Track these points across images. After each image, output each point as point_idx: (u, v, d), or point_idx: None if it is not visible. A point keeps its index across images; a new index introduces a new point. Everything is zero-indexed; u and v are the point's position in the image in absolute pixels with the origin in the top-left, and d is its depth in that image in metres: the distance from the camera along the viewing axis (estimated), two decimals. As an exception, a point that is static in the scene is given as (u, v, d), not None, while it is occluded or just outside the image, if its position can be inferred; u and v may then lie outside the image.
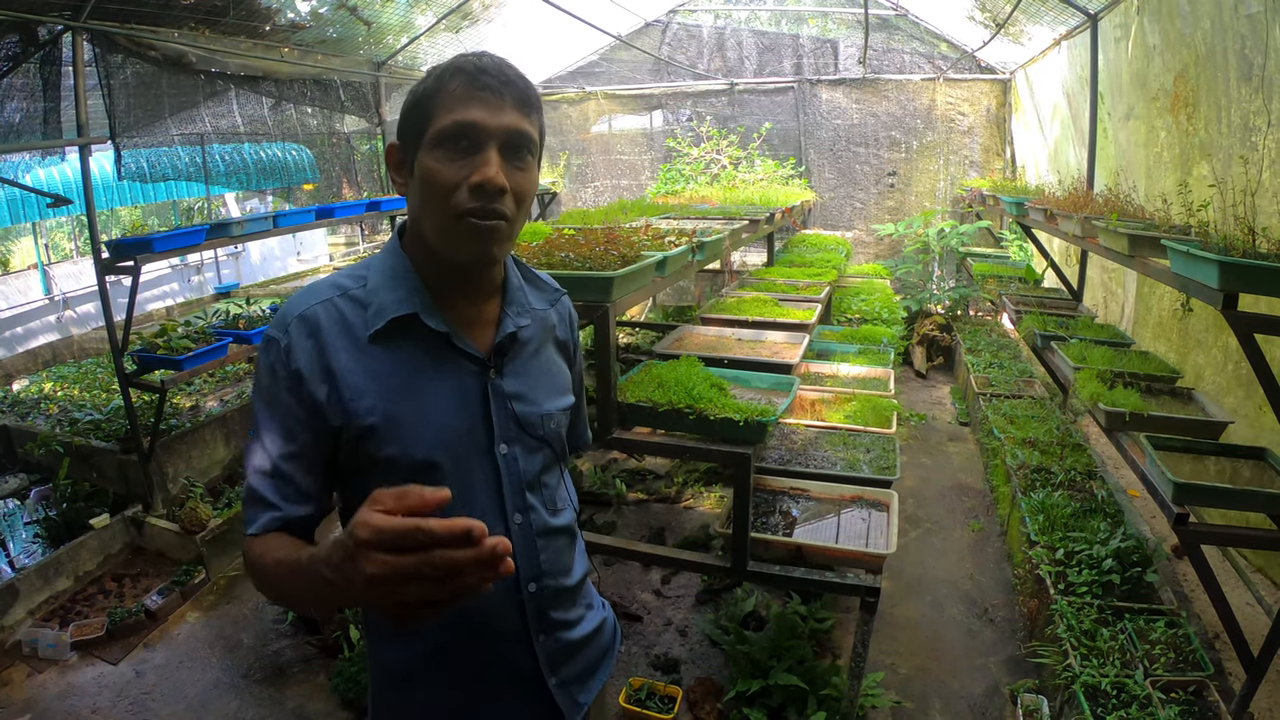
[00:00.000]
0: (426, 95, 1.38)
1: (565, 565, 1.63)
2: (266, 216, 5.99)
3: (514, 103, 1.36)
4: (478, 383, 1.47)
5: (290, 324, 1.40)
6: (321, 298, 1.43)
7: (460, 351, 1.45)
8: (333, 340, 1.40)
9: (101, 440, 5.52)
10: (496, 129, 1.34)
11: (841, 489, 3.71)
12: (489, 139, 1.34)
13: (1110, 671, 3.19)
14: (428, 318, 1.42)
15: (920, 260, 9.67)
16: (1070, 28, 6.72)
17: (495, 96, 1.34)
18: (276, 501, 1.40)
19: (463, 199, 1.33)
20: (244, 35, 5.96)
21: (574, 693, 1.65)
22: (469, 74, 1.35)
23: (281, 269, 14.11)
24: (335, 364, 1.38)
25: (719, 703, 3.69)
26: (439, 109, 1.35)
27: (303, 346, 1.39)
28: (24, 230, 12.33)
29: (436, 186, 1.34)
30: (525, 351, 1.57)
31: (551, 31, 8.98)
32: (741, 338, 4.42)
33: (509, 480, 1.50)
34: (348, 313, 1.42)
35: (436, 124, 1.34)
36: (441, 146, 1.34)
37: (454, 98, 1.34)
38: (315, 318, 1.40)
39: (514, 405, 1.51)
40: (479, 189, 1.32)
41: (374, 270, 1.47)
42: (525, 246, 3.49)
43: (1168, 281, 3.24)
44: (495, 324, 1.53)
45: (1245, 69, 3.95)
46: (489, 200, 1.34)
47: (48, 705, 3.95)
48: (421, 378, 1.42)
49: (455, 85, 1.34)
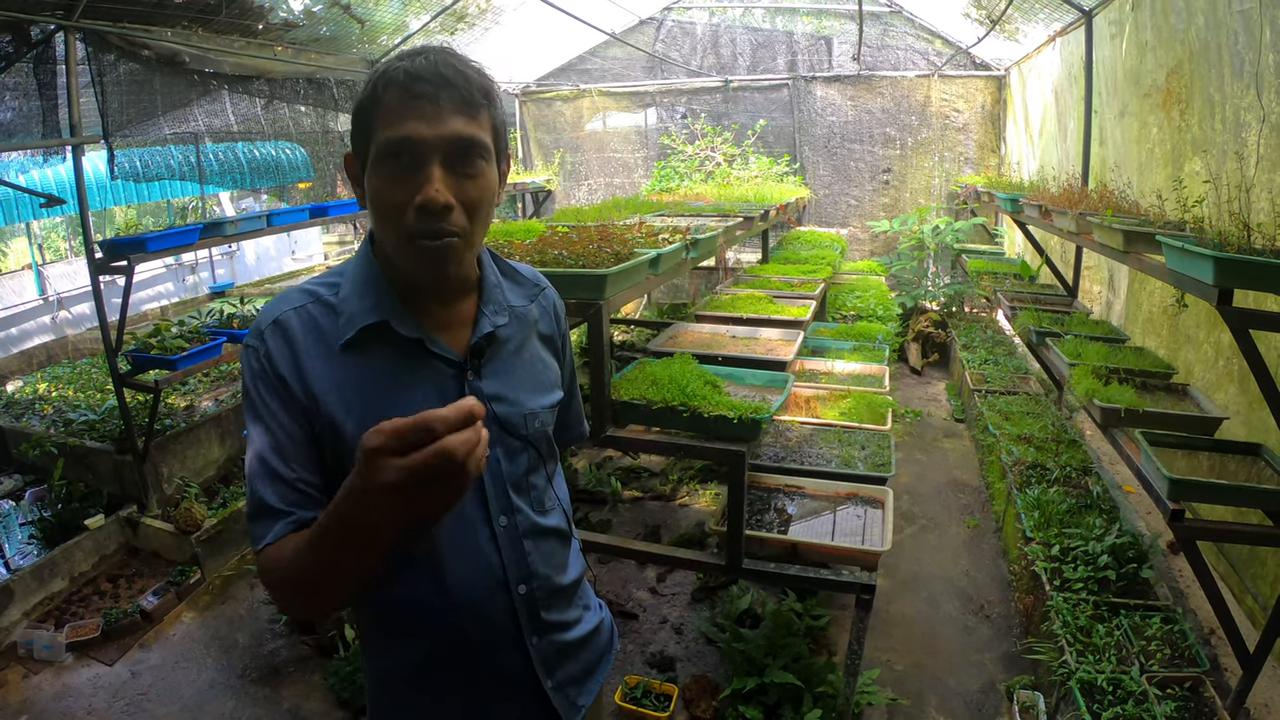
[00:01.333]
0: (364, 108, 1.33)
1: (557, 565, 1.61)
2: (260, 215, 5.97)
3: (455, 106, 1.30)
4: (455, 386, 1.45)
5: (264, 330, 1.39)
6: (294, 304, 1.41)
7: (435, 355, 1.43)
8: (306, 347, 1.38)
9: (96, 441, 5.51)
10: (436, 141, 1.28)
11: (836, 486, 3.71)
12: (430, 152, 1.28)
13: (1106, 667, 3.20)
14: (399, 325, 1.39)
15: (915, 257, 9.67)
16: (1065, 24, 6.72)
17: (432, 105, 1.28)
18: (285, 508, 1.35)
19: (410, 221, 1.29)
20: (237, 34, 5.94)
21: (571, 695, 1.64)
22: (401, 83, 1.28)
23: (276, 268, 14.07)
24: (308, 371, 1.37)
25: (715, 700, 3.70)
26: (377, 123, 1.30)
27: (280, 352, 1.37)
28: (18, 230, 12.29)
29: (383, 208, 1.32)
30: (505, 350, 1.54)
31: (546, 29, 8.99)
32: (736, 335, 4.41)
33: (492, 482, 1.48)
34: (320, 320, 1.40)
35: (376, 140, 1.30)
36: (384, 164, 1.30)
37: (390, 111, 1.28)
38: (288, 323, 1.39)
39: (494, 406, 1.48)
40: (423, 210, 1.28)
41: (347, 276, 1.45)
42: (519, 244, 3.49)
43: (1162, 277, 3.24)
44: (472, 324, 1.50)
45: (1238, 65, 3.96)
46: (435, 220, 1.29)
47: (44, 707, 3.94)
48: (397, 384, 1.40)
49: (389, 96, 1.29)
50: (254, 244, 13.88)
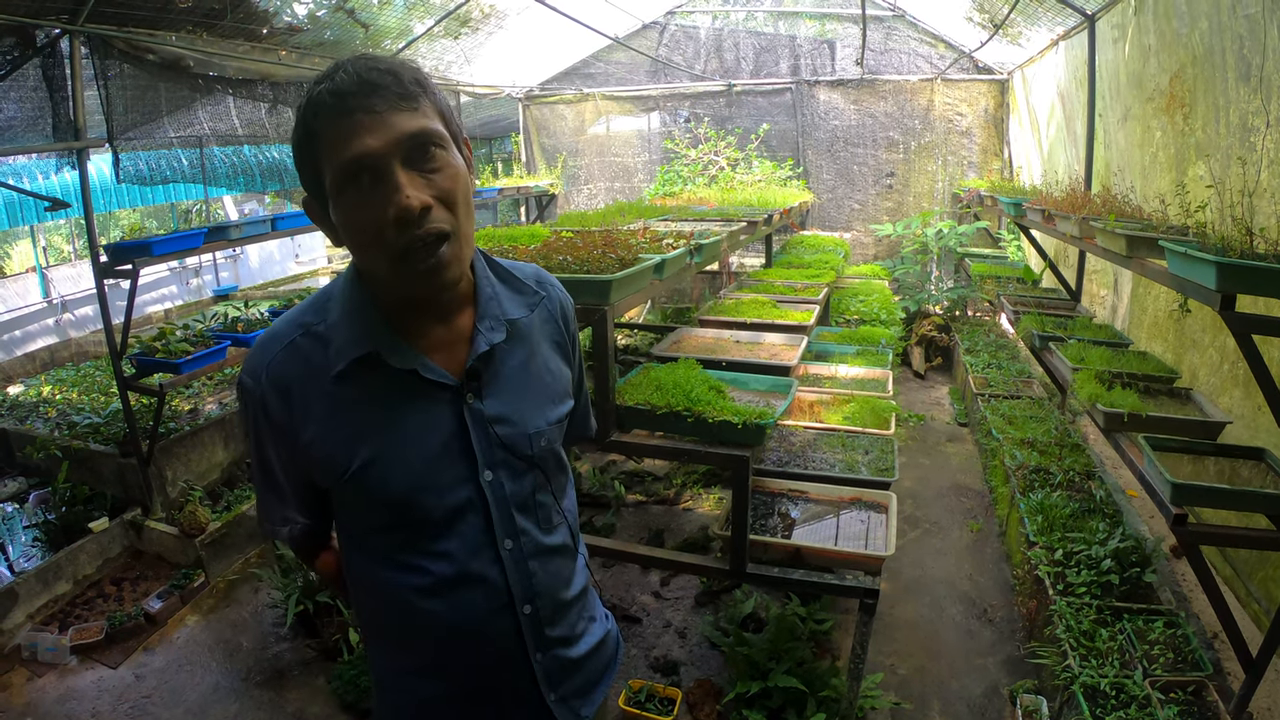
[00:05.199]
0: (303, 145, 1.27)
1: (563, 581, 1.58)
2: (265, 219, 5.99)
3: (392, 106, 1.22)
4: (452, 411, 1.41)
5: (261, 377, 1.38)
6: (285, 340, 1.39)
7: (431, 382, 1.38)
8: (300, 389, 1.37)
9: (100, 444, 5.52)
10: (387, 148, 1.21)
11: (840, 490, 3.71)
12: (387, 161, 1.22)
13: (1109, 672, 3.20)
14: (389, 356, 1.35)
15: (918, 261, 9.66)
16: (1068, 28, 6.72)
17: (368, 114, 1.20)
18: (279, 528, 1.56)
19: (392, 239, 1.23)
20: (241, 38, 5.96)
21: (574, 706, 1.62)
22: (330, 105, 1.21)
23: (280, 271, 14.13)
24: (303, 413, 1.37)
25: (718, 704, 3.70)
26: (321, 157, 1.24)
27: (276, 405, 1.38)
28: (22, 233, 12.32)
29: (360, 235, 1.26)
30: (506, 367, 1.49)
31: (549, 33, 8.98)
32: (739, 339, 4.41)
33: (496, 506, 1.44)
34: (312, 354, 1.37)
35: (329, 173, 1.24)
36: (344, 193, 1.24)
37: (330, 139, 1.22)
38: (284, 374, 1.37)
39: (496, 429, 1.43)
40: (401, 222, 1.22)
41: (335, 300, 1.40)
42: (524, 249, 3.50)
43: (1165, 282, 3.24)
44: (469, 341, 1.44)
45: (1244, 69, 3.96)
46: (417, 226, 1.23)
47: (47, 709, 3.95)
48: (393, 413, 1.38)
49: (323, 124, 1.22)
50: (258, 247, 13.95)
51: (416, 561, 1.41)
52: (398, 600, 1.43)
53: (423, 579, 1.41)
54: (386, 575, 1.43)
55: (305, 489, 1.49)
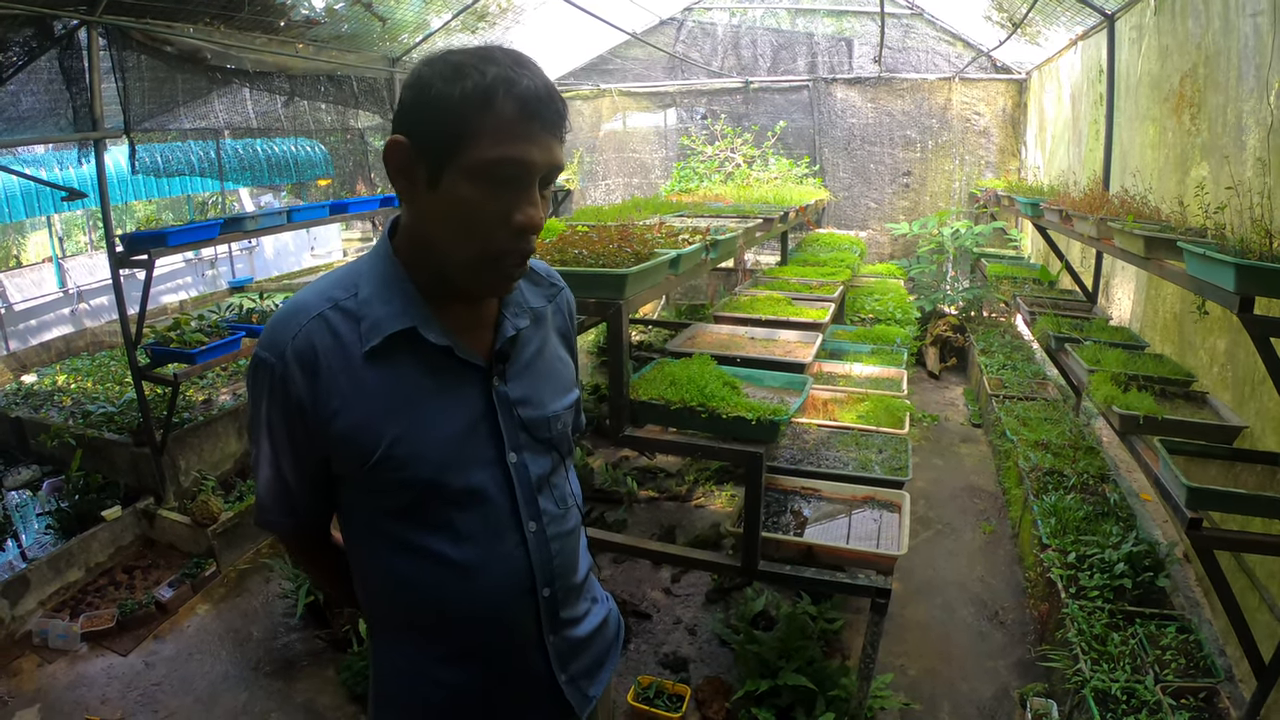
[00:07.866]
0: (467, 109, 1.22)
1: (575, 564, 1.61)
2: (280, 211, 6.00)
3: (557, 132, 1.29)
4: (482, 392, 1.42)
5: (285, 351, 1.33)
6: (312, 312, 1.35)
7: (462, 362, 1.39)
8: (328, 362, 1.33)
9: (114, 433, 5.55)
10: (543, 166, 1.27)
11: (853, 489, 3.70)
12: (535, 176, 1.27)
13: (1120, 676, 3.18)
14: (427, 331, 1.35)
15: (934, 260, 9.63)
16: (1087, 28, 6.68)
17: (544, 130, 1.25)
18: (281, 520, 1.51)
19: (502, 240, 1.28)
20: (259, 31, 5.98)
21: (583, 687, 1.64)
22: (524, 101, 1.23)
23: (295, 264, 14.17)
24: (328, 388, 1.34)
25: (727, 702, 3.69)
26: (484, 135, 1.22)
27: (300, 381, 1.33)
28: (39, 224, 12.40)
29: (474, 223, 1.27)
30: (527, 353, 1.52)
31: (566, 29, 8.99)
32: (754, 336, 4.40)
33: (521, 488, 1.46)
34: (341, 328, 1.34)
35: (482, 152, 1.23)
36: (484, 179, 1.25)
37: (506, 128, 1.23)
38: (310, 348, 1.33)
39: (520, 411, 1.46)
40: (523, 232, 1.28)
41: (365, 277, 1.39)
42: (540, 244, 3.49)
43: (1183, 284, 3.22)
44: (494, 326, 1.46)
45: (1259, 71, 3.91)
46: (528, 240, 1.30)
47: (57, 695, 3.98)
48: (423, 394, 1.37)
49: (508, 111, 1.22)
50: (273, 239, 14.00)
51: (438, 547, 1.40)
52: (418, 588, 1.43)
53: (445, 564, 1.41)
54: (405, 562, 1.42)
55: (312, 478, 1.45)
